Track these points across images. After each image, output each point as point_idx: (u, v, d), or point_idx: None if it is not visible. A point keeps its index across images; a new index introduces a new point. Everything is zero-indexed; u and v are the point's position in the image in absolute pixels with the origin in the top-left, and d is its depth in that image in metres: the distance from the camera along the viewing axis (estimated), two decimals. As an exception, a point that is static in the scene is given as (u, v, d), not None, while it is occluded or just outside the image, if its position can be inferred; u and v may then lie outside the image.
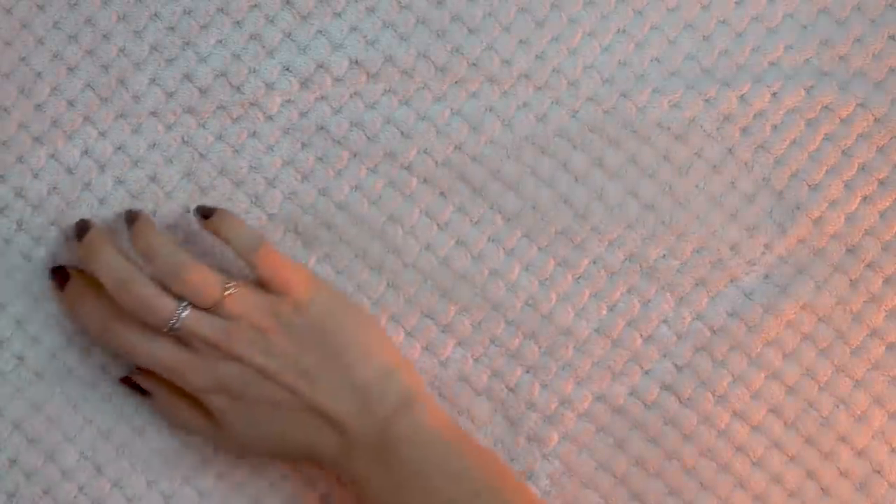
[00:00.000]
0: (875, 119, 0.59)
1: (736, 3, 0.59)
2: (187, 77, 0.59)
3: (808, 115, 0.59)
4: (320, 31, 0.59)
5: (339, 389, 0.54)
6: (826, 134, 0.59)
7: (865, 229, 0.59)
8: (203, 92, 0.59)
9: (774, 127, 0.59)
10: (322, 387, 0.54)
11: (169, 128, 0.59)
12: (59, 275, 0.57)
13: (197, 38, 0.59)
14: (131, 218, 0.56)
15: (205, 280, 0.54)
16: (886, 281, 0.59)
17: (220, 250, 0.59)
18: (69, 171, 0.59)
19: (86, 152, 0.59)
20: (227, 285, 0.54)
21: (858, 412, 0.59)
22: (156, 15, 0.59)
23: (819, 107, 0.59)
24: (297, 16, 0.59)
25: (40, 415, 0.58)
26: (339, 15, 0.59)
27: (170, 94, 0.59)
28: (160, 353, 0.55)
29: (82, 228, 0.56)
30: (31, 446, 0.58)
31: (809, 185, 0.59)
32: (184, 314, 0.54)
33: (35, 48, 0.58)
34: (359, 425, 0.54)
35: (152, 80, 0.59)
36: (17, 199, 0.58)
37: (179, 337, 0.54)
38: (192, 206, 0.58)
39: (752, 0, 0.59)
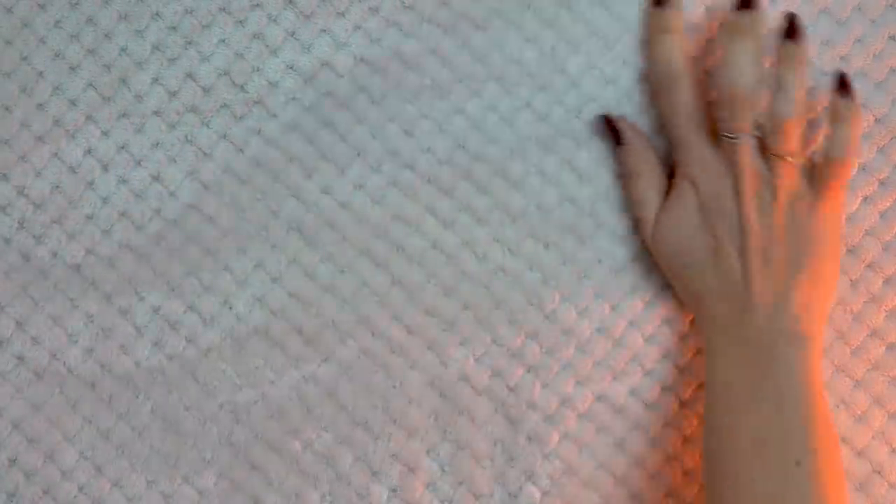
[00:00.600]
0: (875, 119, 0.59)
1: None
2: (190, 76, 0.59)
3: (808, 116, 0.59)
4: (324, 30, 0.59)
5: (769, 292, 0.54)
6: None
7: (866, 229, 0.59)
8: (206, 91, 0.59)
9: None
10: (764, 278, 0.54)
11: (172, 127, 0.59)
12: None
13: (199, 37, 0.59)
14: (795, 36, 0.55)
15: (794, 135, 0.55)
16: (887, 281, 0.59)
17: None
18: (72, 169, 0.59)
19: (88, 151, 0.59)
20: (797, 155, 0.55)
21: (858, 412, 0.59)
22: (157, 14, 0.59)
23: (819, 108, 0.59)
24: (300, 15, 0.59)
25: (40, 415, 0.58)
26: (342, 14, 0.59)
27: (172, 94, 0.59)
28: (695, 137, 0.56)
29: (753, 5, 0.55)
30: (31, 446, 0.58)
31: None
32: (746, 139, 0.54)
33: (36, 47, 0.58)
34: (757, 329, 0.54)
35: (155, 80, 0.59)
36: (20, 198, 0.58)
37: (721, 141, 0.55)
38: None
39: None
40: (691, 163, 0.56)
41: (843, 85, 0.55)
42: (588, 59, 0.59)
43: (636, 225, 0.59)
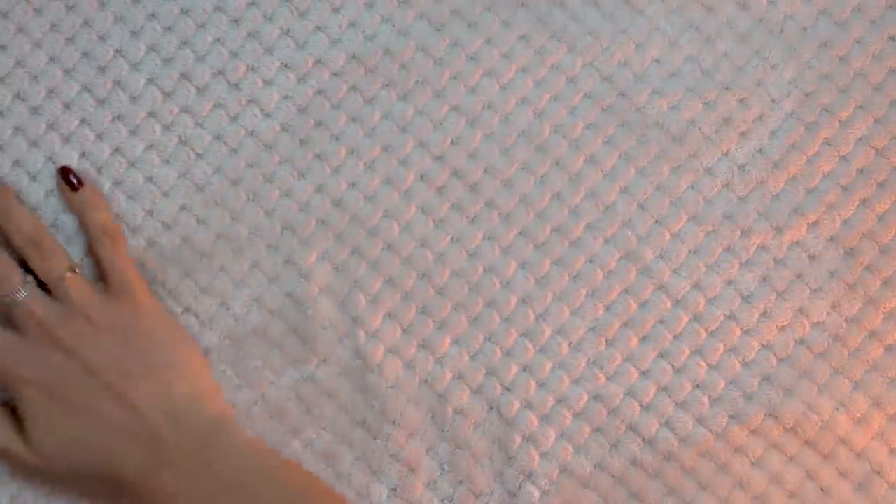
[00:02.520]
0: (875, 120, 0.58)
1: (737, 4, 0.58)
2: (185, 76, 0.59)
3: (807, 119, 0.58)
4: (319, 28, 0.59)
5: (157, 399, 0.54)
6: (826, 138, 0.58)
7: (864, 233, 0.58)
8: (200, 91, 0.59)
9: (773, 132, 0.59)
10: (142, 392, 0.54)
11: (166, 128, 0.59)
12: None
13: (194, 37, 0.59)
14: None
15: (54, 251, 0.56)
16: (885, 283, 0.58)
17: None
18: (67, 173, 0.59)
19: (83, 155, 0.59)
20: (73, 266, 0.56)
21: (858, 414, 0.58)
22: (153, 15, 0.59)
23: (819, 108, 0.58)
24: (295, 12, 0.59)
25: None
26: (337, 10, 0.59)
27: (167, 94, 0.59)
28: None
29: None
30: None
31: (807, 189, 0.59)
32: (25, 290, 0.54)
33: (31, 51, 0.58)
34: (174, 438, 0.54)
35: (149, 81, 0.59)
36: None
37: (14, 319, 0.55)
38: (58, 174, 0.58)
39: (752, 2, 0.58)
40: (13, 367, 0.54)
41: (67, 182, 0.57)
42: (583, 57, 0.58)
43: None
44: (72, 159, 0.58)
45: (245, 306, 0.59)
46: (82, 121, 0.59)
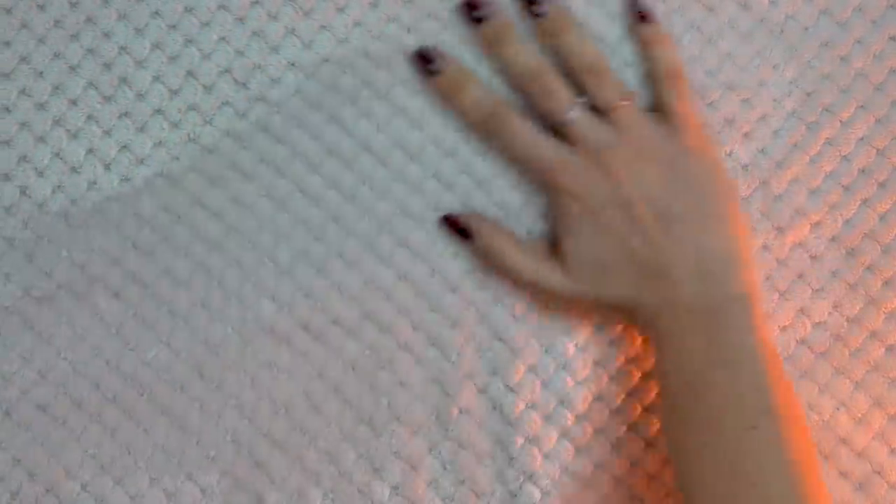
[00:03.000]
0: (876, 120, 0.58)
1: (738, 5, 0.59)
2: (191, 74, 0.59)
3: (808, 119, 0.59)
4: (324, 27, 0.59)
5: (685, 248, 0.53)
6: (827, 138, 0.59)
7: (865, 232, 0.59)
8: (208, 89, 0.59)
9: (775, 132, 0.59)
10: (672, 237, 0.53)
11: (175, 125, 0.59)
12: (428, 60, 0.58)
13: (199, 35, 0.59)
14: (540, 12, 0.57)
15: (610, 79, 0.55)
16: (886, 283, 0.59)
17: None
18: (74, 170, 0.59)
19: (90, 151, 0.59)
20: (628, 95, 0.55)
21: (859, 414, 0.59)
22: (156, 13, 0.59)
23: (820, 108, 0.58)
24: (300, 11, 0.59)
25: (45, 415, 0.58)
26: (341, 10, 0.59)
27: (174, 92, 0.59)
28: (541, 143, 0.55)
29: (483, 15, 0.57)
30: (35, 445, 0.58)
31: (809, 189, 0.59)
32: (578, 108, 0.54)
33: (35, 47, 0.58)
34: (689, 294, 0.53)
35: (155, 78, 0.59)
36: (23, 198, 0.58)
37: (567, 136, 0.55)
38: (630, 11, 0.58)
39: (753, 2, 0.58)
40: (560, 179, 0.55)
41: (643, 15, 0.56)
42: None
43: (538, 291, 0.57)
44: (79, 155, 0.59)
45: (256, 300, 0.59)
46: (89, 117, 0.59)
